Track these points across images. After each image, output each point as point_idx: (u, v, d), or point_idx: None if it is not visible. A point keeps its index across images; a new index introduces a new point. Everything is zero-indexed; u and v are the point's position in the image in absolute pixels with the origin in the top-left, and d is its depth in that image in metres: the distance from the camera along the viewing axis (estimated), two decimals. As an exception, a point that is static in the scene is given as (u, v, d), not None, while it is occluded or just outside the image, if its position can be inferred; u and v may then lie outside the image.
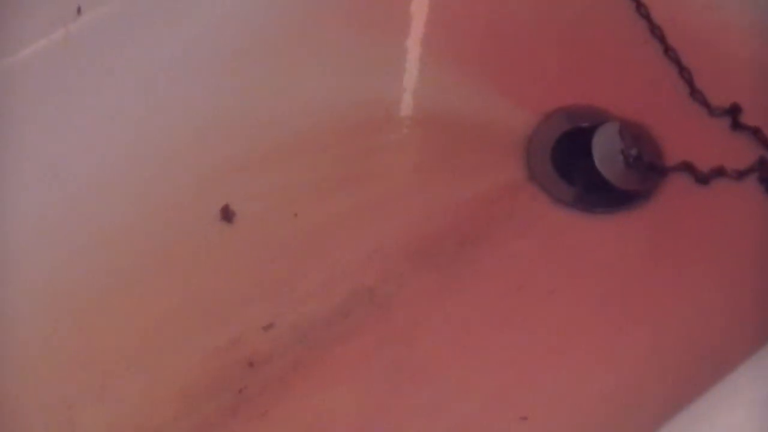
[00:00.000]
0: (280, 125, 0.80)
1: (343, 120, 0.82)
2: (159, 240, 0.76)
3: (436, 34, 0.86)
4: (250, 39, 0.81)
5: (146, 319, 0.73)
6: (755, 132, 0.81)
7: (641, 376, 0.73)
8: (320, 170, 0.80)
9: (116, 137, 0.77)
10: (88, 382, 0.71)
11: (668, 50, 0.84)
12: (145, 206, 0.77)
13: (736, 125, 0.82)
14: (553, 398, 0.72)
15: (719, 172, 0.80)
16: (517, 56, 0.85)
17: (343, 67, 0.83)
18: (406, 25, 0.86)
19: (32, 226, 0.73)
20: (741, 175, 0.80)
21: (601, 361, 0.74)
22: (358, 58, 0.83)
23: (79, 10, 0.73)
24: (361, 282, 0.76)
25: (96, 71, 0.74)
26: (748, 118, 0.82)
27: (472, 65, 0.85)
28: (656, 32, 0.85)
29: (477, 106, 0.83)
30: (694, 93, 0.83)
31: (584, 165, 0.80)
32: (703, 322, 0.75)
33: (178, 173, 0.78)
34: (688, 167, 0.80)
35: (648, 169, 0.80)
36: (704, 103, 0.83)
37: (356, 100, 0.82)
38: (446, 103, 0.83)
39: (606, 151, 0.80)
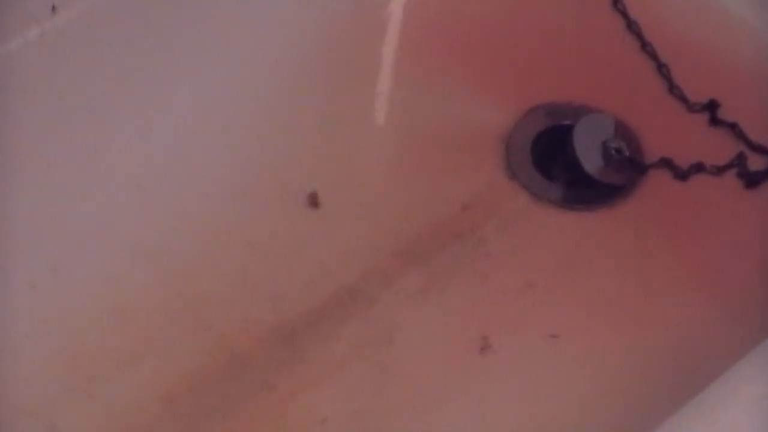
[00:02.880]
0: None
1: (325, 125, 0.82)
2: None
3: (413, 36, 0.86)
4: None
5: (130, 319, 0.72)
6: (733, 127, 0.81)
7: (622, 374, 0.73)
8: (299, 174, 0.80)
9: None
10: (71, 383, 0.70)
11: (646, 46, 0.84)
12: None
13: (715, 121, 0.82)
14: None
15: (699, 168, 0.80)
16: (494, 55, 0.85)
17: (328, 75, 0.83)
18: (384, 29, 0.86)
19: (32, 224, 0.73)
20: (720, 170, 0.80)
21: (582, 358, 0.74)
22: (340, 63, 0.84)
23: (53, 9, 0.72)
24: (343, 282, 0.75)
25: (73, 69, 0.74)
26: (725, 114, 0.82)
27: (450, 66, 0.84)
28: (633, 28, 0.85)
29: (456, 106, 0.83)
30: (672, 89, 0.83)
31: (564, 161, 0.81)
32: (684, 318, 0.75)
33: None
34: (667, 163, 0.80)
35: (628, 164, 0.80)
36: (682, 98, 0.83)
37: (338, 103, 0.82)
38: (425, 104, 0.83)
39: (587, 142, 0.80)
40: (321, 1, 0.83)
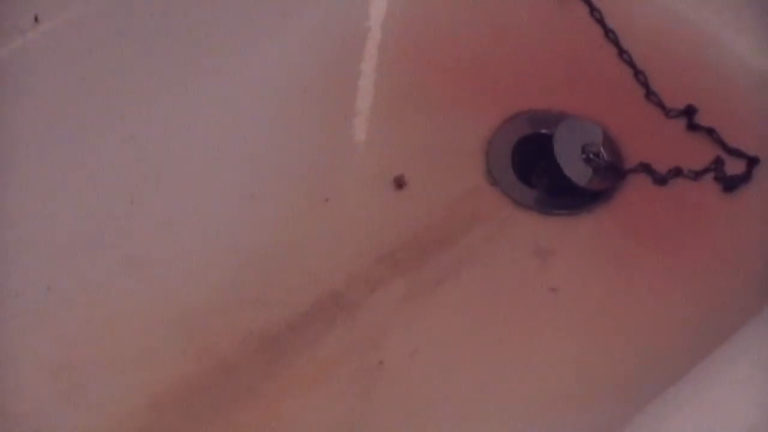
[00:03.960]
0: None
1: (312, 137, 0.82)
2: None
3: (392, 46, 0.86)
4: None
5: (117, 326, 0.73)
6: (710, 132, 0.82)
7: (604, 375, 0.74)
8: (284, 183, 0.80)
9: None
10: (60, 391, 0.70)
11: (623, 53, 0.85)
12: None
13: (692, 126, 0.83)
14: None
15: (677, 173, 0.81)
16: (474, 64, 0.86)
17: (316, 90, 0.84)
18: (363, 44, 0.87)
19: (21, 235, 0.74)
20: (698, 175, 0.81)
21: (566, 359, 0.75)
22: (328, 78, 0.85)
23: (36, 19, 0.73)
24: (327, 288, 0.76)
25: (56, 79, 0.74)
26: (703, 119, 0.83)
27: (431, 75, 0.85)
28: (610, 36, 0.86)
29: (437, 115, 0.84)
30: (650, 95, 0.84)
31: (545, 166, 0.81)
32: (664, 318, 0.76)
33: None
34: (646, 168, 0.81)
35: (607, 168, 0.80)
36: (660, 104, 0.84)
37: (325, 116, 0.83)
38: (408, 113, 0.84)
39: (567, 147, 0.80)
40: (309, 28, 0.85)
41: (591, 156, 0.80)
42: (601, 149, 0.80)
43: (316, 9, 0.85)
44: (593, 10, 0.86)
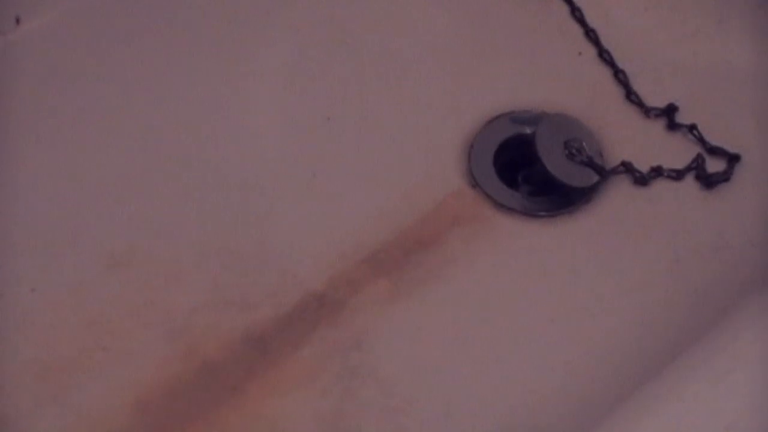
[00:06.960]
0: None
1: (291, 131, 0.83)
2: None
3: (372, 47, 0.87)
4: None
5: (101, 327, 0.73)
6: (691, 129, 0.83)
7: (587, 378, 0.74)
8: (268, 184, 0.81)
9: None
10: (43, 392, 0.70)
11: (603, 53, 0.86)
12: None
13: (673, 125, 0.83)
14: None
15: (658, 172, 0.81)
16: (454, 66, 0.86)
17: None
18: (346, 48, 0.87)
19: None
20: (679, 173, 0.81)
21: (548, 361, 0.75)
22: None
23: (18, 21, 0.73)
24: (311, 289, 0.76)
25: (37, 79, 0.74)
26: (683, 118, 0.83)
27: (411, 76, 0.86)
28: (591, 35, 0.86)
29: (419, 116, 0.84)
30: (630, 95, 0.85)
31: (527, 166, 0.82)
32: (644, 317, 0.76)
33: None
34: (627, 168, 0.81)
35: (589, 164, 0.81)
36: (640, 104, 0.84)
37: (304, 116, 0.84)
38: (387, 112, 0.84)
39: (550, 142, 0.81)
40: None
41: (573, 151, 0.80)
42: (584, 144, 0.80)
43: (305, 10, 0.85)
44: (574, 9, 0.87)
